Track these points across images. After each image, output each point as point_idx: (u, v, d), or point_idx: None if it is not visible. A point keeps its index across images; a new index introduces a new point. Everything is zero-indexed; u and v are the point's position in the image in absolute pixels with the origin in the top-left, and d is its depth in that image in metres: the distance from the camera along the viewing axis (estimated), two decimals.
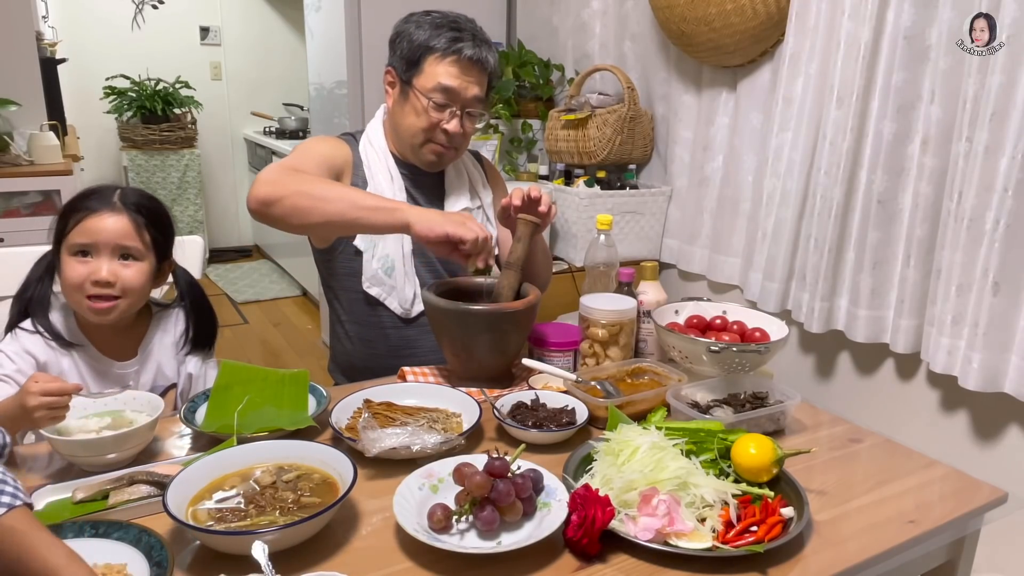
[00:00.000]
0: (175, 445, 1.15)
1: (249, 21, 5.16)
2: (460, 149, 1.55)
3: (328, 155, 1.49)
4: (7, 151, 3.02)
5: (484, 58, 1.46)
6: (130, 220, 1.23)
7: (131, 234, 1.23)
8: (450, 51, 1.43)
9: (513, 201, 1.36)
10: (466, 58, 1.43)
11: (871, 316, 1.88)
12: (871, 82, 1.78)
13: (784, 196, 2.03)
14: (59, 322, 1.26)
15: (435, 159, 1.52)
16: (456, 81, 1.44)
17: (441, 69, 1.44)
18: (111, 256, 1.21)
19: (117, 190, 1.26)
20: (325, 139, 1.55)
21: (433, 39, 1.44)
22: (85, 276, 1.20)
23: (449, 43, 1.43)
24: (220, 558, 0.84)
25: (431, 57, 1.44)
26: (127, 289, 1.22)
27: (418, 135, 1.49)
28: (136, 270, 1.24)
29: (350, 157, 1.53)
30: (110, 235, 1.21)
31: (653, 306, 1.47)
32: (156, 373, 1.33)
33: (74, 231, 1.21)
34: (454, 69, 1.44)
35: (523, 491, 0.91)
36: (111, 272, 1.20)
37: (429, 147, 1.50)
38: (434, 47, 1.44)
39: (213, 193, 5.26)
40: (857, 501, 1.03)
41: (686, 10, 2.14)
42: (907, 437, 1.37)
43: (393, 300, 1.53)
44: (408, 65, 1.47)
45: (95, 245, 1.21)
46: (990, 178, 1.53)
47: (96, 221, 1.21)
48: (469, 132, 1.52)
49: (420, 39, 1.45)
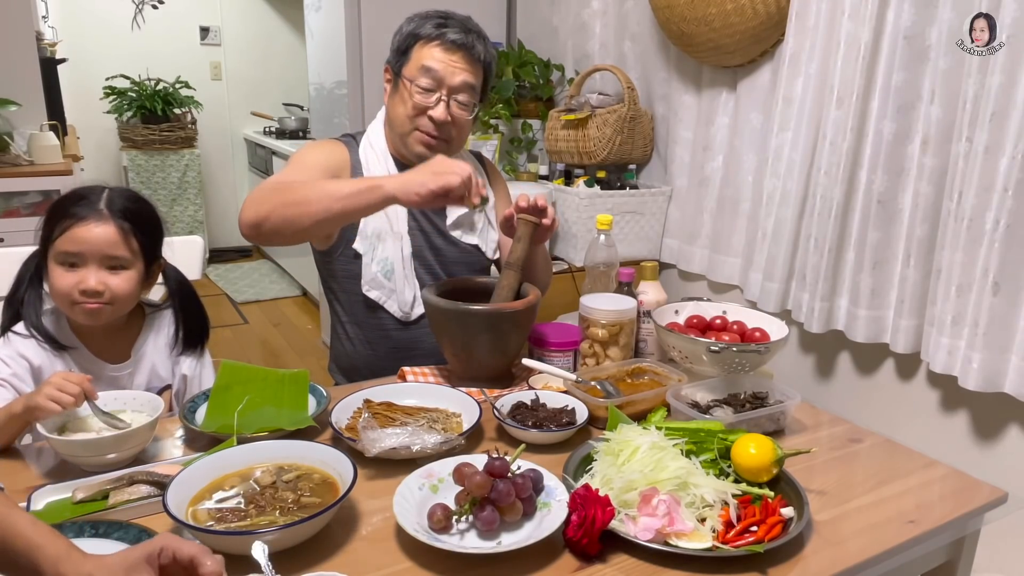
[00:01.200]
0: (175, 445, 1.15)
1: (249, 21, 5.16)
2: (452, 141, 1.50)
3: (322, 161, 1.47)
4: (7, 151, 3.02)
5: (470, 44, 1.45)
6: (117, 228, 1.21)
7: (118, 243, 1.22)
8: (434, 36, 1.44)
9: (519, 203, 1.35)
10: (449, 41, 1.44)
11: (871, 316, 1.88)
12: (871, 82, 1.78)
13: (784, 196, 2.03)
14: (51, 325, 1.26)
15: (424, 150, 1.47)
16: (440, 64, 1.43)
17: (426, 52, 1.45)
18: (99, 266, 1.21)
19: (104, 193, 1.24)
20: (319, 144, 1.55)
21: (420, 27, 1.46)
22: (73, 285, 1.19)
23: (435, 28, 1.44)
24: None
25: (418, 44, 1.46)
26: (116, 297, 1.22)
27: (405, 123, 1.47)
28: (124, 278, 1.23)
29: (347, 159, 1.52)
30: (97, 245, 1.20)
31: (653, 306, 1.47)
32: (150, 374, 1.32)
33: (60, 239, 1.20)
34: (438, 52, 1.44)
35: (523, 491, 0.91)
36: (99, 281, 1.20)
37: (416, 136, 1.47)
38: (420, 34, 1.46)
39: (213, 193, 5.26)
40: (857, 501, 1.03)
41: (686, 10, 2.14)
42: (907, 437, 1.37)
43: (393, 303, 1.52)
44: (398, 56, 1.49)
45: (82, 255, 1.20)
46: (990, 178, 1.53)
47: (83, 230, 1.19)
48: (460, 122, 1.48)
49: (409, 30, 1.47)
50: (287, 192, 1.30)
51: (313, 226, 1.29)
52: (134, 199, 1.27)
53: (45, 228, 1.23)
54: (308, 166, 1.45)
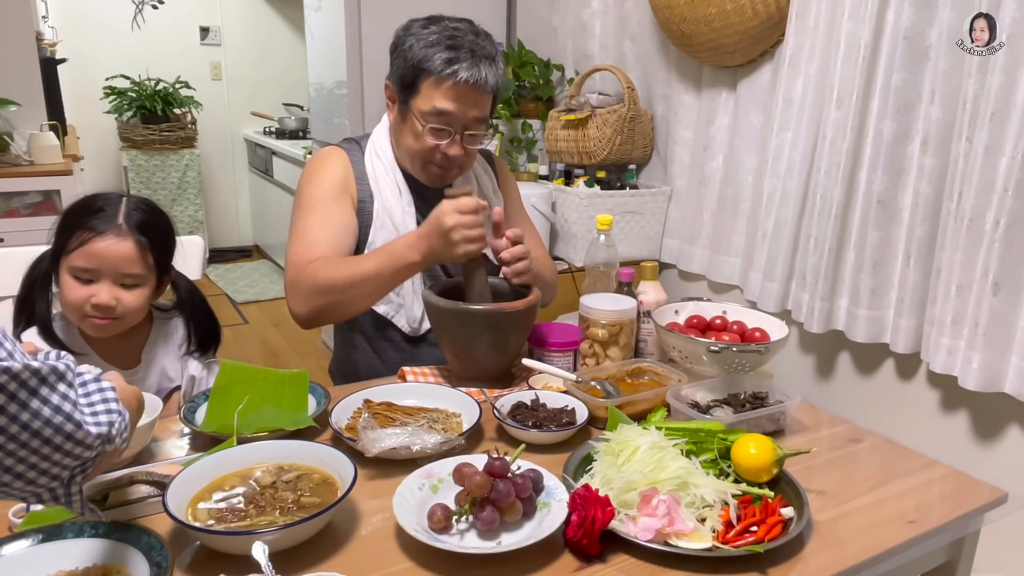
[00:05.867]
0: (175, 445, 1.15)
1: (249, 21, 5.16)
2: (464, 167, 1.50)
3: (327, 192, 1.45)
4: (7, 151, 3.02)
5: (483, 79, 1.37)
6: (135, 244, 1.21)
7: (135, 260, 1.21)
8: (446, 74, 1.35)
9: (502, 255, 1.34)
10: (463, 82, 1.35)
11: (871, 316, 1.88)
12: (871, 82, 1.78)
13: (784, 196, 2.03)
14: (62, 331, 1.26)
15: (438, 177, 1.48)
16: (453, 106, 1.37)
17: (437, 93, 1.37)
18: (113, 282, 1.20)
19: (122, 204, 1.23)
20: (319, 167, 1.50)
21: (427, 60, 1.36)
22: (85, 299, 1.19)
23: (444, 65, 1.35)
24: (220, 558, 0.84)
25: (427, 80, 1.37)
26: (127, 312, 1.22)
27: (417, 157, 1.45)
28: (137, 295, 1.23)
29: (350, 170, 1.49)
30: (113, 262, 1.19)
31: (653, 306, 1.47)
32: (160, 377, 1.33)
33: (76, 252, 1.18)
34: (451, 93, 1.36)
35: (523, 491, 0.91)
36: (112, 297, 1.20)
37: (430, 168, 1.46)
38: (429, 69, 1.36)
39: (213, 193, 5.26)
40: (857, 501, 1.03)
41: (686, 10, 2.14)
42: (907, 437, 1.37)
43: (401, 318, 1.50)
44: (404, 86, 1.41)
45: (97, 271, 1.19)
46: (990, 178, 1.53)
47: (100, 245, 1.18)
48: (471, 152, 1.47)
49: (415, 59, 1.37)
50: (329, 294, 1.34)
51: (359, 312, 1.42)
52: (152, 212, 1.26)
53: (60, 237, 1.21)
54: (319, 215, 1.43)
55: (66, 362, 0.67)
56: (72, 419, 0.65)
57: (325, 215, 1.43)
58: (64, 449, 0.65)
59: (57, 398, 0.65)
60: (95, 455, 0.69)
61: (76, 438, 0.66)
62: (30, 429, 0.63)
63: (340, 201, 1.45)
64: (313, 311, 1.36)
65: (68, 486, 0.69)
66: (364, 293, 1.34)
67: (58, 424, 0.64)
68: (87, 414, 0.68)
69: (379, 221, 1.47)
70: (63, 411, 0.65)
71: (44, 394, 0.64)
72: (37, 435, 0.63)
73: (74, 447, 0.66)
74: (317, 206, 1.44)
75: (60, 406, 0.64)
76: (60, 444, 0.65)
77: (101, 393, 0.71)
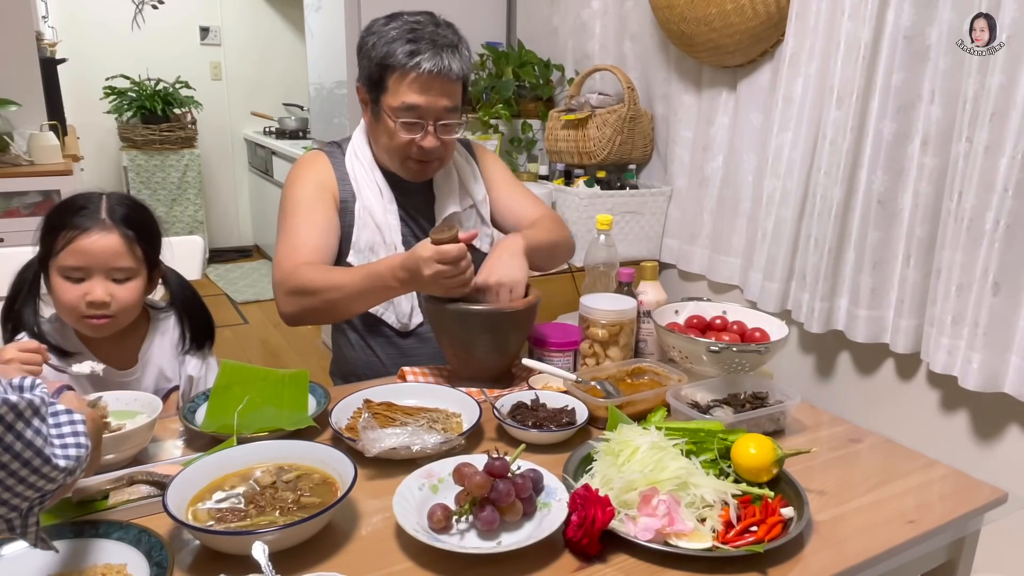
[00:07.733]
0: (175, 445, 1.15)
1: (249, 21, 5.15)
2: (444, 159, 1.51)
3: (310, 194, 1.47)
4: (7, 151, 3.02)
5: (447, 67, 1.37)
6: (121, 237, 1.21)
7: (124, 253, 1.21)
8: (409, 67, 1.36)
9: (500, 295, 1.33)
10: (427, 73, 1.36)
11: (871, 316, 1.88)
12: (871, 82, 1.78)
13: (784, 196, 2.03)
14: (56, 333, 1.26)
15: (419, 172, 1.49)
16: (421, 98, 1.38)
17: (404, 87, 1.38)
18: (105, 277, 1.20)
19: (103, 201, 1.23)
20: (300, 171, 1.51)
21: (391, 56, 1.37)
22: (79, 298, 1.19)
23: (407, 58, 1.36)
24: (220, 558, 0.84)
25: (393, 76, 1.39)
26: (122, 308, 1.22)
27: (395, 154, 1.46)
28: (129, 288, 1.23)
29: (332, 173, 1.51)
30: (102, 257, 1.19)
31: (653, 306, 1.47)
32: (158, 377, 1.32)
33: (64, 252, 1.18)
34: (416, 86, 1.38)
35: (523, 491, 0.91)
36: (106, 292, 1.20)
37: (408, 164, 1.47)
38: (393, 64, 1.37)
39: (213, 193, 5.26)
40: (857, 501, 1.03)
41: (686, 10, 2.14)
42: (907, 437, 1.37)
43: (391, 315, 1.52)
44: (373, 85, 1.43)
45: (87, 268, 1.19)
46: (990, 178, 1.53)
47: (86, 242, 1.18)
48: (448, 143, 1.47)
49: (378, 56, 1.39)
50: (316, 296, 1.35)
51: (346, 319, 1.48)
52: (134, 206, 1.26)
53: (45, 240, 1.21)
54: (304, 216, 1.45)
55: (41, 395, 0.67)
56: (42, 454, 0.65)
57: (308, 216, 1.45)
58: (28, 482, 0.65)
59: (31, 433, 0.64)
60: (56, 487, 0.69)
61: (42, 472, 0.66)
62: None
63: (322, 201, 1.47)
64: (298, 311, 1.39)
65: (26, 517, 0.69)
66: (346, 306, 1.37)
67: (27, 459, 0.64)
68: (56, 447, 0.68)
69: (361, 220, 1.49)
70: (34, 446, 0.64)
71: (19, 429, 0.63)
72: (3, 468, 0.63)
73: (38, 480, 0.66)
74: (300, 207, 1.46)
75: (32, 441, 0.64)
76: (25, 477, 0.65)
77: (72, 425, 0.71)
